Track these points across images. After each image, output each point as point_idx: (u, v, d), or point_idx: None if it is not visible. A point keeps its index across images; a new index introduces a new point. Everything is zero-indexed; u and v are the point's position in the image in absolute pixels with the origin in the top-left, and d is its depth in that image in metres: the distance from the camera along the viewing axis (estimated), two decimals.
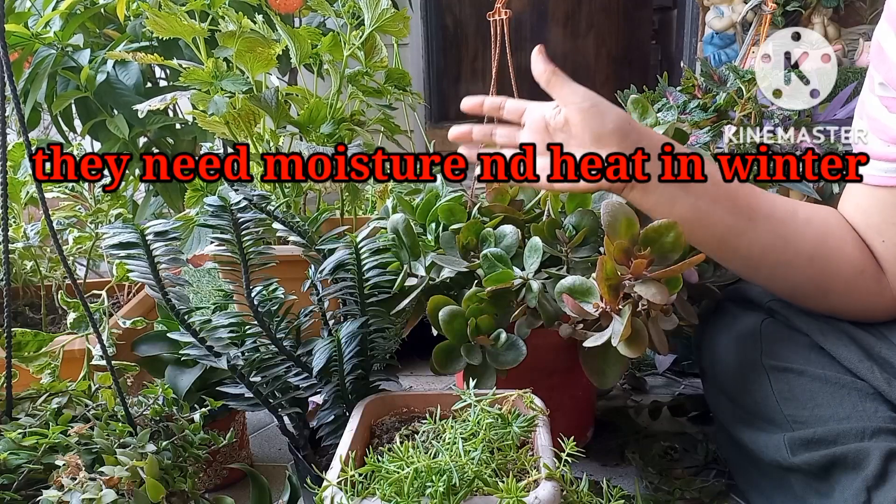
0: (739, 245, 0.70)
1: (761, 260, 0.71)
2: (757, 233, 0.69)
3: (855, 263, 0.69)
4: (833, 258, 0.70)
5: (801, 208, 0.72)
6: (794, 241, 0.70)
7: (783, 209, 0.71)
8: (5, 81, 0.56)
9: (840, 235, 0.70)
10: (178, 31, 1.05)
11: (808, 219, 0.71)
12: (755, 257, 0.71)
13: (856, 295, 0.70)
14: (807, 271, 0.70)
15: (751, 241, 0.70)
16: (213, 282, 1.49)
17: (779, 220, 0.70)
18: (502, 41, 0.97)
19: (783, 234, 0.70)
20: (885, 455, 0.61)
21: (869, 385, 0.67)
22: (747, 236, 0.70)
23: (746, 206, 0.69)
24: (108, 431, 0.61)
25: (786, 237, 0.70)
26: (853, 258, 0.69)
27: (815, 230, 0.70)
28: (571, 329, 0.73)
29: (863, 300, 0.70)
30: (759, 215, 0.69)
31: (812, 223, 0.71)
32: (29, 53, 1.32)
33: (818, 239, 0.70)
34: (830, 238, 0.70)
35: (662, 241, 0.70)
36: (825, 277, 0.70)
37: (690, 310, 0.76)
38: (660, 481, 0.85)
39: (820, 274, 0.70)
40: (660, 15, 3.33)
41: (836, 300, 0.72)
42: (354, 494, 0.53)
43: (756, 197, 0.70)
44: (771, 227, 0.70)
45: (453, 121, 3.81)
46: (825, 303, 0.72)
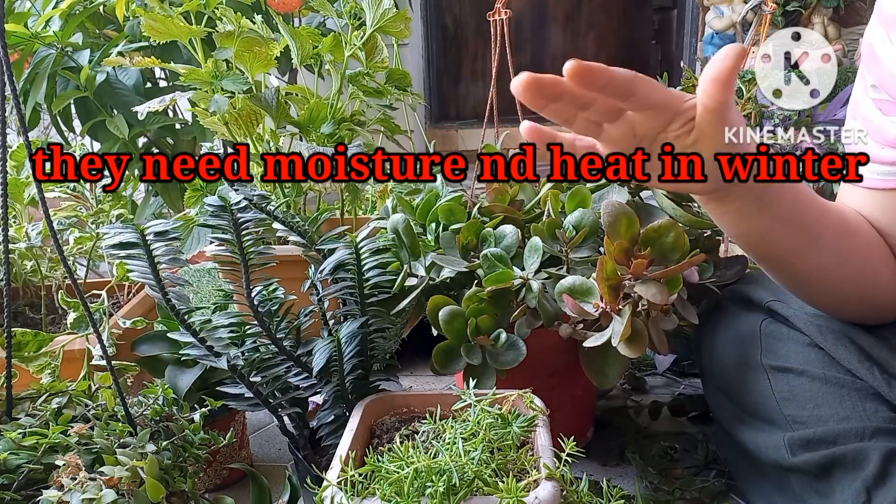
0: (797, 263, 0.67)
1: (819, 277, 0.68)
2: (818, 252, 0.66)
3: (891, 269, 0.68)
4: (879, 266, 0.68)
5: (851, 217, 0.68)
6: (847, 256, 0.67)
7: (841, 221, 0.67)
8: (5, 81, 0.56)
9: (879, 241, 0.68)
10: (175, 33, 1.05)
11: (857, 225, 0.67)
12: (812, 277, 0.68)
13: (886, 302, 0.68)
14: (857, 283, 0.68)
15: (810, 259, 0.66)
16: (213, 282, 1.49)
17: (838, 236, 0.66)
18: (502, 41, 0.97)
19: (840, 251, 0.66)
20: (885, 455, 0.61)
21: (869, 385, 0.67)
22: (809, 255, 0.66)
23: (816, 224, 0.65)
24: (108, 431, 0.61)
25: (842, 253, 0.67)
26: (892, 262, 0.68)
27: (864, 239, 0.67)
28: (571, 329, 0.73)
29: (890, 304, 0.69)
30: (824, 232, 0.65)
31: (860, 231, 0.67)
32: (29, 53, 1.32)
33: (866, 247, 0.67)
34: (876, 246, 0.67)
35: (662, 241, 0.70)
36: (867, 288, 0.68)
37: (690, 310, 0.76)
38: (660, 481, 0.85)
39: (867, 283, 0.68)
40: (660, 15, 3.33)
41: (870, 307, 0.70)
42: (354, 494, 0.53)
43: (825, 215, 0.66)
44: (831, 245, 0.66)
45: (453, 121, 3.82)
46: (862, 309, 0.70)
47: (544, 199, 0.89)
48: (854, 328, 0.70)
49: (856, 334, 0.70)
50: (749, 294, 0.79)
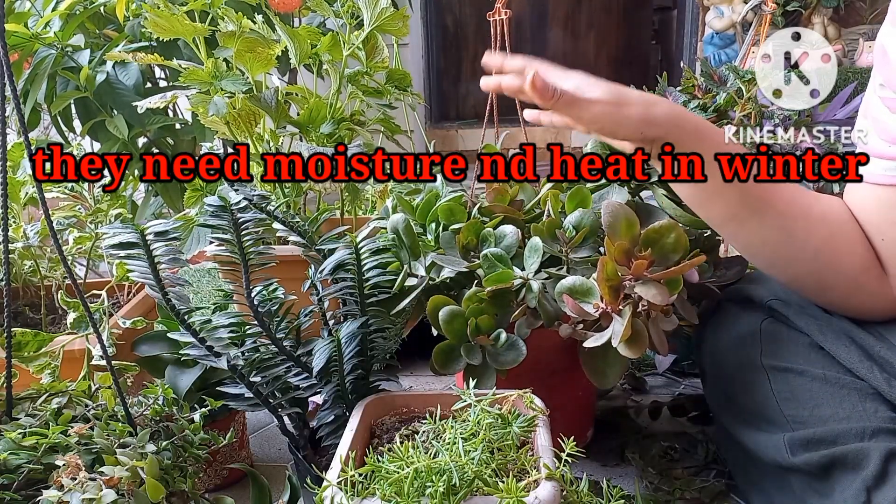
0: (738, 232, 0.72)
1: (760, 249, 0.73)
2: (760, 225, 0.70)
3: (861, 262, 0.69)
4: (840, 255, 0.70)
5: (818, 204, 0.71)
6: (800, 237, 0.70)
7: (800, 204, 0.70)
8: (5, 81, 0.56)
9: (852, 233, 0.70)
10: (178, 31, 1.05)
11: (824, 215, 0.70)
12: (754, 246, 0.73)
13: (857, 293, 0.70)
14: (809, 265, 0.70)
15: (751, 231, 0.71)
16: (213, 282, 1.49)
17: (789, 216, 0.70)
18: (502, 41, 0.97)
19: (789, 230, 0.70)
20: (885, 455, 0.61)
21: (869, 385, 0.67)
22: (748, 227, 0.70)
23: (756, 199, 0.69)
24: (108, 431, 0.61)
25: (792, 232, 0.70)
26: (860, 257, 0.69)
27: (828, 227, 0.70)
28: (571, 329, 0.73)
29: (863, 299, 0.70)
30: (768, 210, 0.69)
31: (827, 220, 0.70)
32: (29, 54, 1.32)
33: (828, 236, 0.70)
34: (841, 236, 0.70)
35: (663, 241, 0.70)
36: (828, 273, 0.70)
37: (690, 310, 0.76)
38: (660, 481, 0.85)
39: (824, 268, 0.70)
40: (660, 15, 3.33)
41: (835, 296, 0.72)
42: (354, 494, 0.53)
43: (771, 189, 0.70)
44: (778, 223, 0.69)
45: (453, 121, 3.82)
46: (823, 297, 0.73)
47: (544, 199, 0.89)
48: (855, 327, 0.70)
49: (856, 334, 0.70)
50: (749, 294, 0.79)
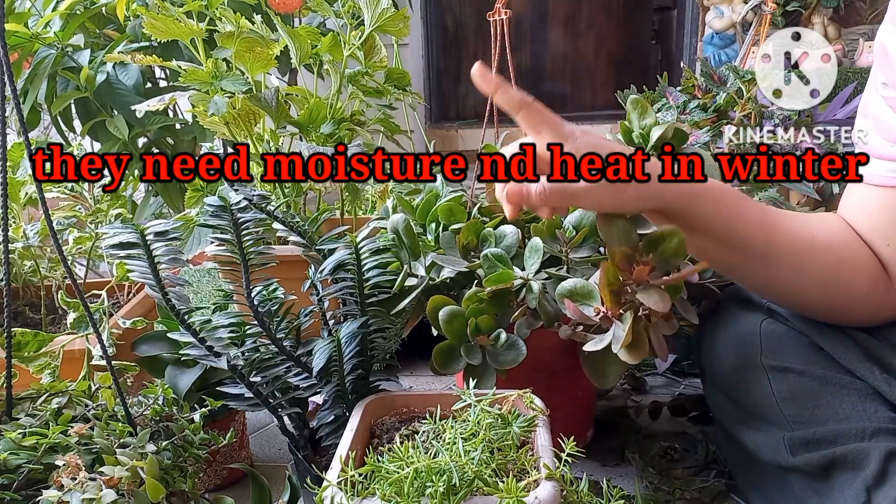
0: (743, 276, 0.72)
1: (770, 289, 0.72)
2: (768, 266, 0.68)
3: (870, 279, 0.68)
4: (849, 279, 0.68)
5: (820, 231, 0.69)
6: (809, 271, 0.68)
7: (803, 238, 0.68)
8: (5, 81, 0.56)
9: (858, 252, 0.68)
10: (176, 32, 1.05)
11: (828, 242, 0.68)
12: (764, 286, 0.72)
13: (865, 306, 0.69)
14: (820, 294, 0.69)
15: (759, 273, 0.69)
16: (213, 282, 1.49)
17: (795, 253, 0.68)
18: (502, 41, 0.97)
19: (798, 267, 0.68)
20: (885, 455, 0.61)
21: (869, 385, 0.67)
22: (754, 271, 0.69)
23: (763, 244, 0.67)
24: (108, 431, 0.61)
25: (800, 268, 0.68)
26: (868, 274, 0.68)
27: (835, 254, 0.68)
28: (571, 331, 0.73)
29: (869, 311, 0.70)
30: (773, 253, 0.67)
31: (832, 246, 0.68)
32: (29, 54, 1.32)
33: (836, 262, 0.68)
34: (849, 259, 0.68)
35: (664, 246, 0.70)
36: (840, 297, 0.69)
37: (690, 310, 0.76)
38: (660, 481, 0.85)
39: (835, 294, 0.69)
40: (660, 15, 3.33)
41: (844, 312, 0.71)
42: (354, 494, 0.53)
43: (775, 231, 0.68)
44: (785, 262, 0.68)
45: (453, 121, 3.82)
46: (833, 317, 0.71)
47: None
48: (855, 328, 0.70)
49: (856, 334, 0.70)
50: (749, 294, 0.79)
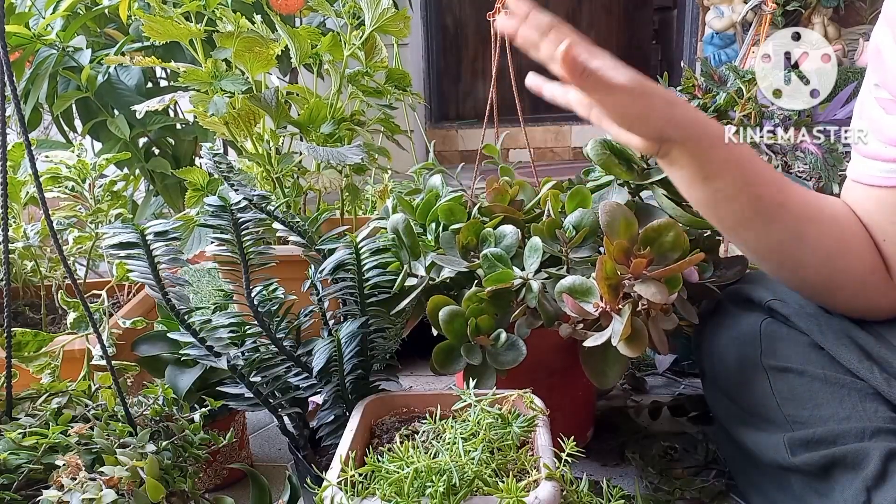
0: (749, 237, 0.70)
1: (771, 254, 0.71)
2: (773, 229, 0.68)
3: (870, 262, 0.69)
4: (849, 257, 0.69)
5: (829, 205, 0.70)
6: (812, 240, 0.68)
7: (812, 207, 0.69)
8: (5, 81, 0.56)
9: (860, 234, 0.69)
10: (174, 34, 1.06)
11: (834, 216, 0.69)
12: (765, 250, 0.71)
13: (864, 294, 0.70)
14: (819, 268, 0.70)
15: (763, 235, 0.69)
16: (213, 282, 1.49)
17: (802, 220, 0.68)
18: (502, 41, 0.97)
19: (801, 233, 0.68)
20: (885, 455, 0.61)
21: (869, 385, 0.67)
22: (760, 231, 0.69)
23: (771, 203, 0.67)
24: (108, 431, 0.61)
25: (803, 236, 0.68)
26: (869, 257, 0.69)
27: (839, 228, 0.69)
28: (571, 329, 0.73)
29: (870, 299, 0.70)
30: (781, 214, 0.68)
31: (837, 221, 0.69)
32: (30, 54, 1.32)
33: (839, 238, 0.69)
34: (851, 237, 0.69)
35: (662, 240, 0.70)
36: (838, 275, 0.70)
37: (690, 310, 0.76)
38: (660, 481, 0.85)
39: (833, 273, 0.70)
40: (660, 15, 3.34)
41: (842, 297, 0.71)
42: (354, 494, 0.53)
43: (785, 193, 0.68)
44: (790, 227, 0.68)
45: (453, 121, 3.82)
46: (831, 299, 0.72)
47: (544, 199, 0.89)
48: (855, 327, 0.70)
49: (856, 333, 0.70)
50: (749, 294, 0.79)
